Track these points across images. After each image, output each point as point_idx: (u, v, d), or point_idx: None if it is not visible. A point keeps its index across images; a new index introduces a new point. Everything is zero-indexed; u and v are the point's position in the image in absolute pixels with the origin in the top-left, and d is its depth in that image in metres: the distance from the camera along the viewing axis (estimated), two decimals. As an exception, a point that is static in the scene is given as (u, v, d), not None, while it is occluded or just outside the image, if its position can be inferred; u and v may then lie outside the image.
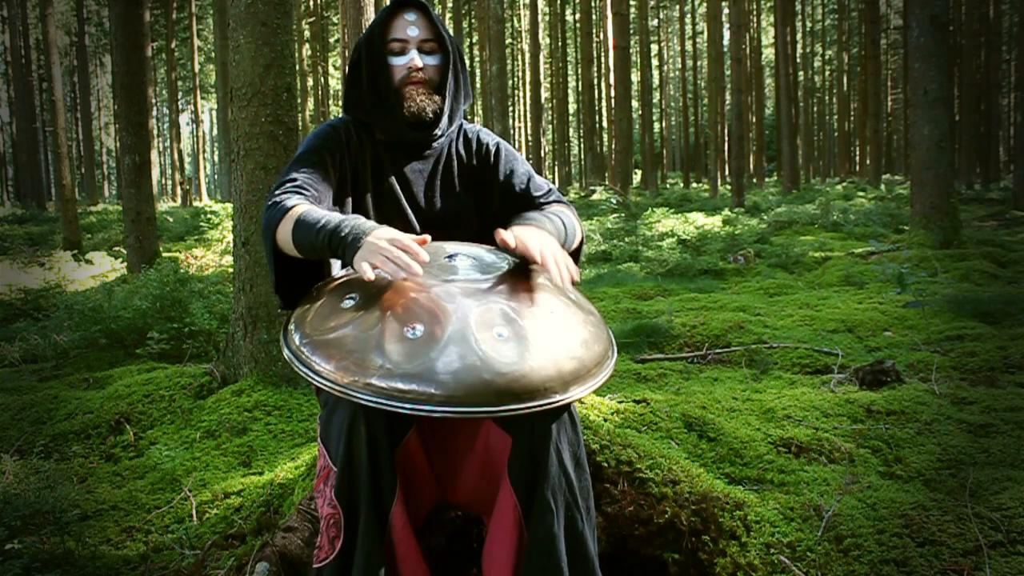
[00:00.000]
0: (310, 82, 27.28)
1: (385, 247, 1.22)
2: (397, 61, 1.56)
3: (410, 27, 1.55)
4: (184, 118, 47.94)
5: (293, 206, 1.40)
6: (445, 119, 1.61)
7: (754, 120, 32.68)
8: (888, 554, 1.58)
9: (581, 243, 1.63)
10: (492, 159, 1.68)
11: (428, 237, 1.29)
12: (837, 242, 9.30)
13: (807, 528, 1.67)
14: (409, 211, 1.61)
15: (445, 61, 1.59)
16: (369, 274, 1.19)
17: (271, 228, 1.41)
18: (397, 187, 1.61)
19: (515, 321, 1.20)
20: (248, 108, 2.99)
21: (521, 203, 1.62)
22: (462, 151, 1.68)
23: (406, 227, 1.59)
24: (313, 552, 1.62)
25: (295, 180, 1.49)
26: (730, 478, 1.94)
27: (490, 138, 1.71)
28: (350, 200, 1.59)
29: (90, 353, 4.28)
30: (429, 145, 1.63)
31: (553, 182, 34.74)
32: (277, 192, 1.47)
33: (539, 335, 1.19)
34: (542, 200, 1.63)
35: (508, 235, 1.32)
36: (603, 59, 27.89)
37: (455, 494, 1.43)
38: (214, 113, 44.84)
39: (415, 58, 1.55)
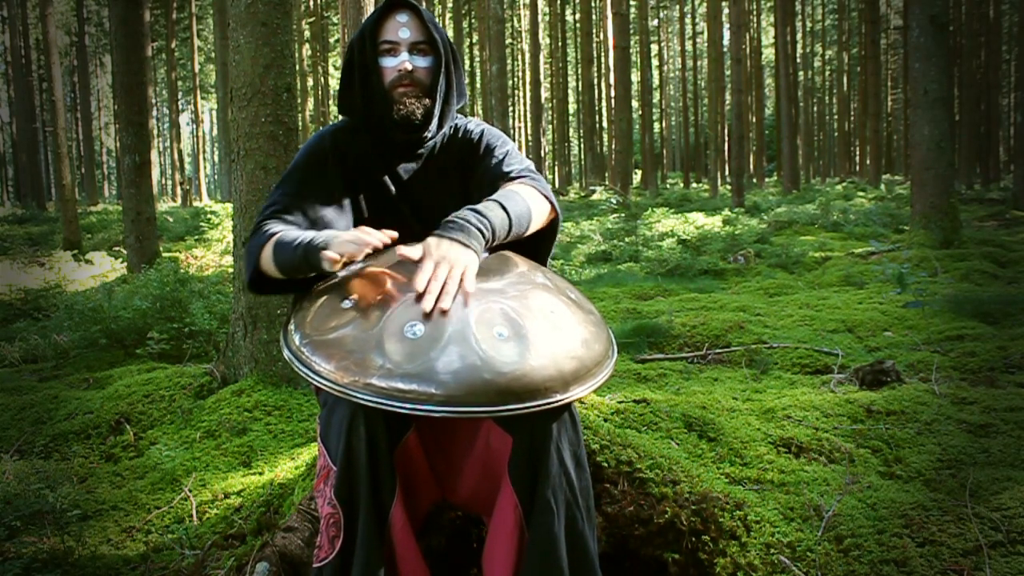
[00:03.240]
0: (310, 82, 27.29)
1: (351, 236, 1.29)
2: (388, 63, 1.55)
3: (401, 29, 1.54)
4: (184, 118, 47.94)
5: (273, 233, 1.46)
6: (435, 121, 1.60)
7: (754, 120, 32.69)
8: (888, 554, 1.58)
9: (554, 222, 1.58)
10: (475, 143, 1.66)
11: (396, 234, 1.33)
12: (837, 242, 9.30)
13: (807, 528, 1.67)
14: (405, 210, 1.61)
15: (437, 63, 1.58)
16: (335, 257, 1.26)
17: (254, 254, 1.48)
18: (391, 186, 1.61)
19: (515, 320, 1.20)
20: (248, 108, 2.98)
21: (494, 179, 1.58)
22: (453, 147, 1.67)
23: (401, 226, 1.58)
24: (313, 552, 1.62)
25: (277, 204, 1.55)
26: (730, 478, 1.94)
27: (476, 126, 1.69)
28: (348, 202, 1.59)
29: (90, 353, 4.28)
30: (421, 145, 1.63)
31: (553, 182, 34.78)
32: (260, 220, 1.53)
33: (539, 334, 1.19)
34: (512, 176, 1.57)
35: (413, 250, 1.27)
36: (603, 59, 27.91)
37: (455, 494, 1.43)
38: (214, 113, 44.83)
39: (405, 61, 1.54)
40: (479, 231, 1.33)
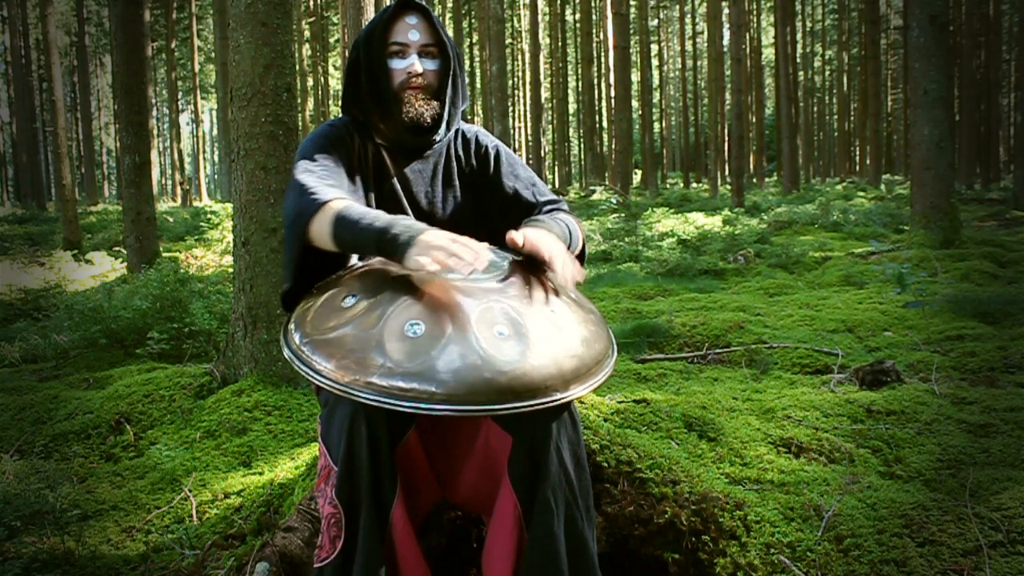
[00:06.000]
0: (310, 82, 27.30)
1: (445, 244, 1.21)
2: (397, 64, 1.54)
3: (411, 31, 1.54)
4: (184, 118, 47.93)
5: (328, 200, 1.35)
6: (444, 125, 1.60)
7: (754, 120, 32.69)
8: (888, 554, 1.58)
9: (583, 250, 1.62)
10: (493, 162, 1.67)
11: (490, 256, 1.28)
12: (837, 242, 9.31)
13: (807, 528, 1.67)
14: (410, 212, 1.61)
15: (445, 66, 1.58)
16: (431, 266, 1.17)
17: (303, 220, 1.37)
18: (398, 187, 1.61)
19: (516, 320, 1.20)
20: (248, 108, 2.98)
21: (526, 209, 1.62)
22: (461, 152, 1.68)
23: None
24: (313, 552, 1.62)
25: (316, 172, 1.45)
26: (730, 478, 1.94)
27: (489, 140, 1.71)
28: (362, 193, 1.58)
29: (90, 353, 4.28)
30: (429, 147, 1.63)
31: (553, 182, 34.80)
32: (303, 183, 1.42)
33: (540, 333, 1.19)
34: (548, 207, 1.63)
35: (517, 235, 1.33)
36: (603, 59, 27.93)
37: (455, 494, 1.43)
38: (214, 113, 44.85)
39: (415, 63, 1.53)
40: (560, 235, 1.47)
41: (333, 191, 1.40)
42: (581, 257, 1.61)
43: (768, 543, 1.62)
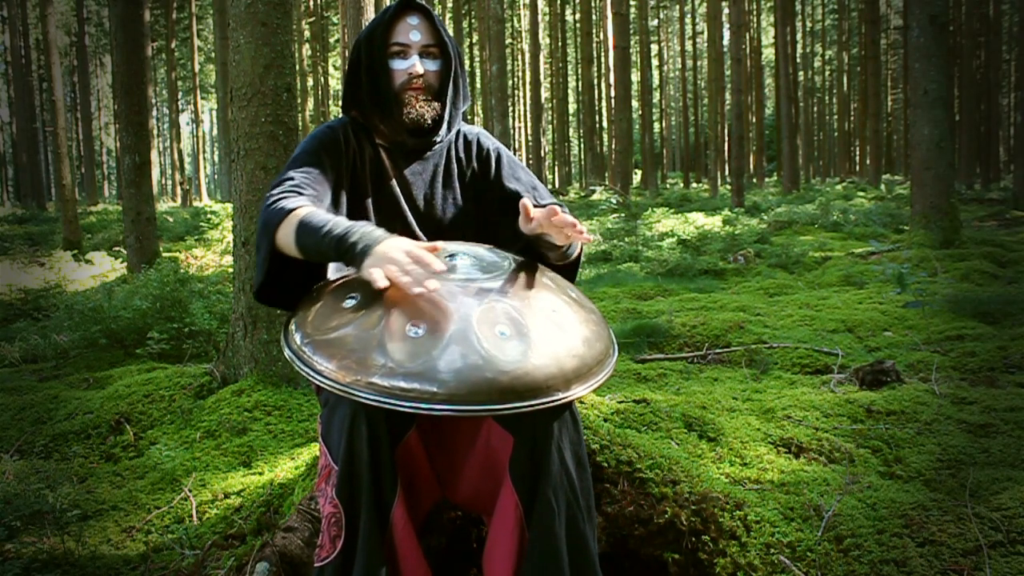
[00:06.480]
0: (310, 82, 27.30)
1: (399, 258, 1.20)
2: (398, 65, 1.54)
3: (412, 31, 1.54)
4: (184, 118, 47.92)
5: (295, 208, 1.37)
6: (445, 126, 1.60)
7: (754, 120, 32.69)
8: (888, 554, 1.58)
9: (580, 255, 1.62)
10: (495, 165, 1.67)
11: (439, 245, 1.28)
12: (837, 242, 9.31)
13: (807, 528, 1.67)
14: (409, 213, 1.60)
15: (446, 67, 1.57)
16: (381, 282, 1.17)
17: (270, 229, 1.39)
18: (397, 189, 1.60)
19: (517, 319, 1.20)
20: (248, 108, 2.98)
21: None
22: (462, 154, 1.67)
23: (406, 229, 1.59)
24: (313, 552, 1.62)
25: (292, 180, 1.46)
26: (730, 478, 1.94)
27: (490, 142, 1.70)
28: (346, 202, 1.57)
29: (90, 353, 4.28)
30: (429, 148, 1.63)
31: (553, 182, 34.80)
32: (275, 193, 1.44)
33: (541, 333, 1.19)
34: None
35: (531, 208, 1.37)
36: (603, 59, 27.95)
37: (456, 494, 1.43)
38: (214, 113, 44.86)
39: (416, 64, 1.53)
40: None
41: (300, 199, 1.41)
42: (577, 260, 1.61)
43: (768, 543, 1.62)
